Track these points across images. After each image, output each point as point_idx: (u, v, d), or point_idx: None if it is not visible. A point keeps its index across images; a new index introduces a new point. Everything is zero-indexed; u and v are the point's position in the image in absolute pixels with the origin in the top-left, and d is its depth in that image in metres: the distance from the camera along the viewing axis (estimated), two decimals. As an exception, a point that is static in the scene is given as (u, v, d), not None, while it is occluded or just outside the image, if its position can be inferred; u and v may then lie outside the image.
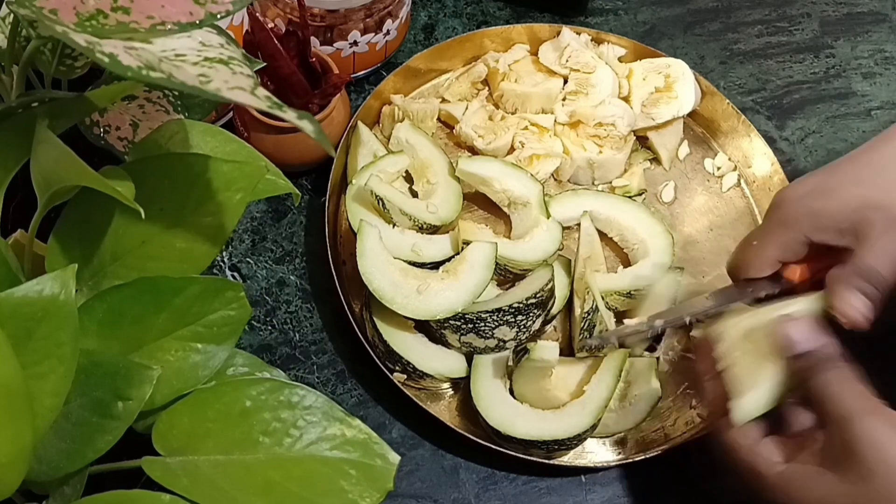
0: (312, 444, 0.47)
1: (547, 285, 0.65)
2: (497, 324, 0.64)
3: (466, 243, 0.67)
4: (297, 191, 0.57)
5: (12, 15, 0.56)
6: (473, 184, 0.73)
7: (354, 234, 0.66)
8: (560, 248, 0.70)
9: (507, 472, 0.65)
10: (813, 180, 0.60)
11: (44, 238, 0.51)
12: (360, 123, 0.74)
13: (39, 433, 0.42)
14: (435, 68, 0.81)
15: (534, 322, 0.65)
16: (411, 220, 0.68)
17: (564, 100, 0.78)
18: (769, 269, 0.60)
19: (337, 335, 0.69)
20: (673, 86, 0.79)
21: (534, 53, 0.82)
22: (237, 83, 0.40)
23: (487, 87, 0.81)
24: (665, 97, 0.78)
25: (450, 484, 0.65)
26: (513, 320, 0.64)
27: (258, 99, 0.40)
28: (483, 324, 0.64)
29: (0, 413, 0.40)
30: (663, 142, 0.79)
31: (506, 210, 0.73)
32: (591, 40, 0.81)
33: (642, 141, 0.80)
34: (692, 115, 0.81)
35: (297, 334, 0.69)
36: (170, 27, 0.41)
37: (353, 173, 0.71)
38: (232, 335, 0.50)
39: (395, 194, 0.69)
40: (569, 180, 0.78)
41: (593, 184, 0.78)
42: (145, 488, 0.46)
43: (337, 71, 0.71)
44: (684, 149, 0.81)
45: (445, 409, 0.67)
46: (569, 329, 0.70)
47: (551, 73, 0.80)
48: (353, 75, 0.79)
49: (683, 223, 0.77)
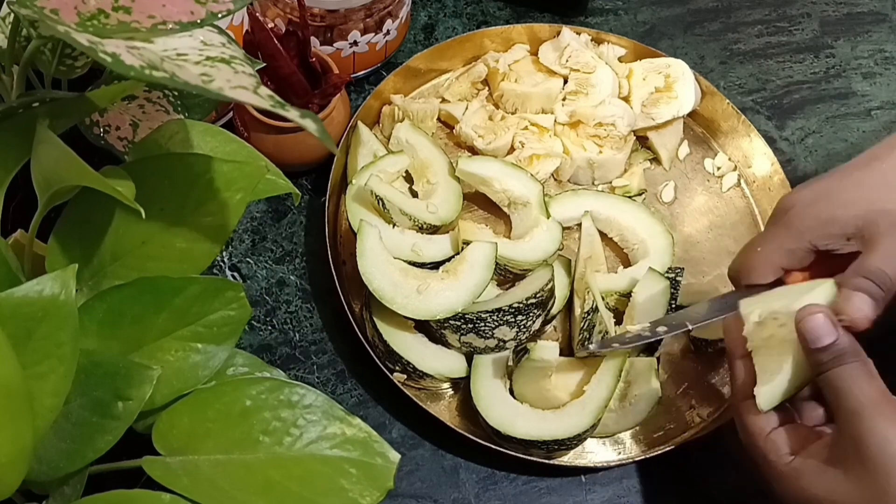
0: (312, 443, 0.48)
1: (547, 285, 0.65)
2: (497, 324, 0.64)
3: (466, 243, 0.67)
4: (297, 191, 0.57)
5: (13, 15, 0.56)
6: (473, 184, 0.73)
7: (354, 234, 0.66)
8: (560, 248, 0.70)
9: (507, 472, 0.65)
10: (818, 186, 0.59)
11: (44, 238, 0.51)
12: (360, 123, 0.74)
13: (39, 433, 0.42)
14: (435, 68, 0.81)
15: (534, 322, 0.65)
16: (411, 220, 0.68)
17: (564, 100, 0.78)
18: (772, 276, 0.60)
19: (337, 335, 0.69)
20: (673, 86, 0.79)
21: (534, 53, 0.82)
22: (240, 82, 0.40)
23: (487, 87, 0.81)
24: (665, 97, 0.78)
25: (450, 484, 0.65)
26: (513, 320, 0.64)
27: (261, 98, 0.40)
28: (483, 324, 0.64)
29: (0, 413, 0.40)
30: (663, 142, 0.79)
31: (506, 210, 0.73)
32: (591, 40, 0.81)
33: (642, 141, 0.80)
34: (692, 115, 0.81)
35: (297, 334, 0.69)
36: (171, 26, 0.41)
37: (353, 173, 0.71)
38: (232, 335, 0.50)
39: (395, 194, 0.69)
40: (569, 180, 0.78)
41: (593, 184, 0.78)
42: (145, 488, 0.46)
43: (337, 71, 0.71)
44: (684, 149, 0.81)
45: (445, 409, 0.67)
46: (569, 329, 0.70)
47: (551, 73, 0.80)
48: (353, 75, 0.79)
49: (683, 223, 0.77)
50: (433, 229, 0.70)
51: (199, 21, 0.42)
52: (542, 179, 0.74)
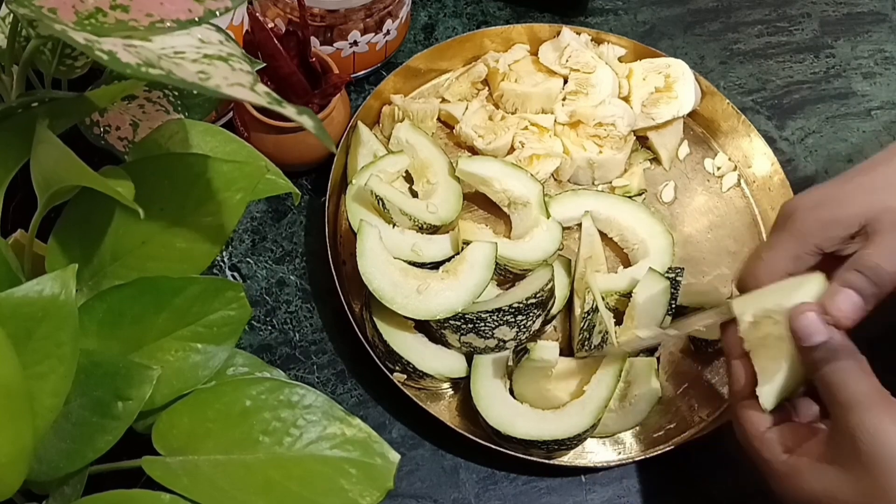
0: (312, 443, 0.47)
1: (547, 285, 0.65)
2: (497, 324, 0.64)
3: (466, 243, 0.67)
4: (297, 191, 0.57)
5: (12, 15, 0.56)
6: (473, 184, 0.73)
7: (354, 234, 0.66)
8: (560, 248, 0.70)
9: (507, 472, 0.65)
10: (822, 191, 0.59)
11: (44, 238, 0.51)
12: (360, 123, 0.74)
13: (39, 433, 0.42)
14: (435, 68, 0.81)
15: (534, 322, 0.65)
16: (411, 220, 0.68)
17: (564, 100, 0.78)
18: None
19: (337, 335, 0.69)
20: (673, 86, 0.79)
21: (534, 53, 0.82)
22: (237, 79, 0.40)
23: (487, 87, 0.81)
24: (665, 97, 0.78)
25: (450, 484, 0.64)
26: (513, 320, 0.64)
27: (258, 95, 0.40)
28: (483, 324, 0.64)
29: (0, 413, 0.40)
30: (663, 142, 0.79)
31: (506, 210, 0.73)
32: (591, 40, 0.81)
33: (642, 141, 0.80)
34: (692, 115, 0.81)
35: (297, 334, 0.69)
36: (169, 24, 0.41)
37: (353, 173, 0.71)
38: (232, 335, 0.50)
39: (395, 194, 0.69)
40: (569, 180, 0.78)
41: (593, 184, 0.78)
42: (145, 488, 0.46)
43: (337, 71, 0.71)
44: (684, 149, 0.81)
45: (445, 409, 0.67)
46: (569, 329, 0.70)
47: (551, 73, 0.80)
48: (353, 75, 0.79)
49: (683, 223, 0.77)
50: (433, 229, 0.70)
51: (197, 19, 0.42)
52: (542, 179, 0.74)
